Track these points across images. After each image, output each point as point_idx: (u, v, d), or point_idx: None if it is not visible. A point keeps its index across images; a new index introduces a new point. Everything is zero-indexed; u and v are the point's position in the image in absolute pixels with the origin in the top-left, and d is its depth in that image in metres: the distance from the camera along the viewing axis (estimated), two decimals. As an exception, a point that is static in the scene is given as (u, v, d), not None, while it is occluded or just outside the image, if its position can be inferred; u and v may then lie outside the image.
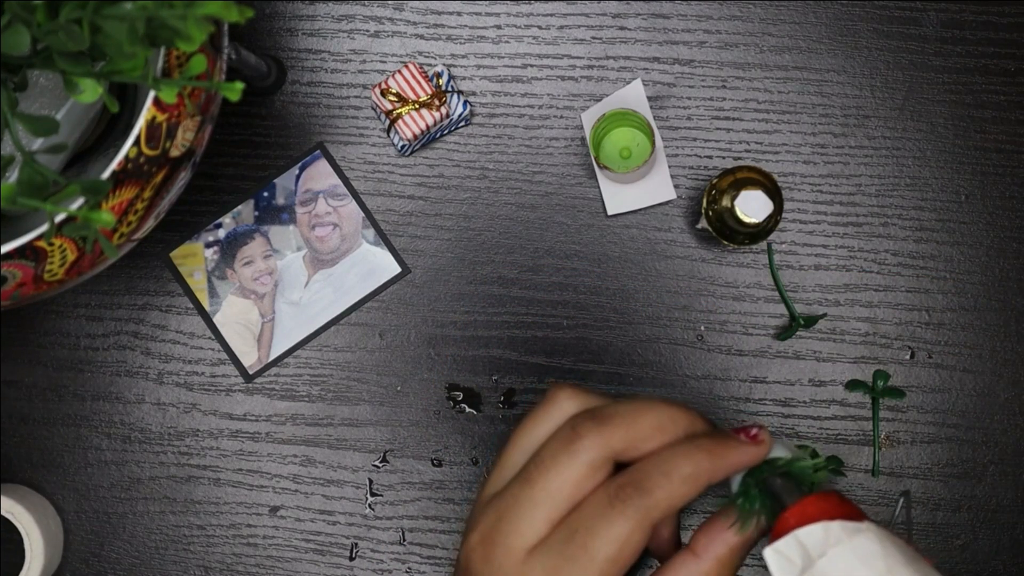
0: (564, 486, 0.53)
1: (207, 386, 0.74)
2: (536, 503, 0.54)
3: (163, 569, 0.74)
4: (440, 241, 0.74)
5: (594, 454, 0.53)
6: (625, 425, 0.53)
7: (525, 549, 0.53)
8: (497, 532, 0.54)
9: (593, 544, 0.53)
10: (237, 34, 0.74)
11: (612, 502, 0.53)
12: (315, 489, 0.74)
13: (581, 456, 0.53)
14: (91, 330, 0.74)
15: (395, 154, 0.74)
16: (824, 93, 0.73)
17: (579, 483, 0.53)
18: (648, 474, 0.53)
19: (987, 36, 0.73)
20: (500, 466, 0.57)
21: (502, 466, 0.57)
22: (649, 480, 0.53)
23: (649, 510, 0.52)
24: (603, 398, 0.56)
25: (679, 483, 0.53)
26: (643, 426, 0.53)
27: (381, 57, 0.74)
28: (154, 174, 0.56)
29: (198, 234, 0.74)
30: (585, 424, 0.53)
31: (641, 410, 0.54)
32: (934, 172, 0.73)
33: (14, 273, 0.55)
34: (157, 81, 0.51)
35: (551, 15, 0.74)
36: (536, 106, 0.74)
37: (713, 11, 0.74)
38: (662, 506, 0.52)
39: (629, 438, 0.53)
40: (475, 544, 0.55)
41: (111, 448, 0.74)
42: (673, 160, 0.73)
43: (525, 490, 0.54)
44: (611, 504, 0.53)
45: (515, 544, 0.54)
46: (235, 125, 0.74)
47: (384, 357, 0.74)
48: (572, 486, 0.53)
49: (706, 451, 0.53)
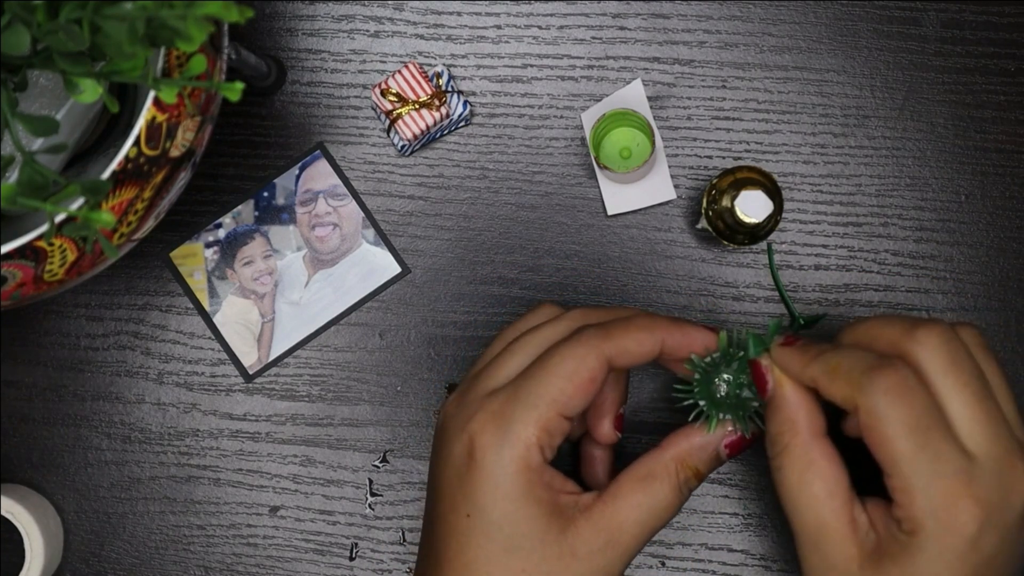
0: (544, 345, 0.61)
1: (207, 386, 0.74)
2: (513, 353, 0.61)
3: (163, 569, 0.74)
4: (440, 241, 0.74)
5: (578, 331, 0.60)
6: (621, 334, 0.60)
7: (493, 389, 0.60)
8: (471, 386, 0.61)
9: (551, 360, 0.59)
10: (237, 34, 0.74)
11: (574, 336, 0.59)
12: (315, 489, 0.74)
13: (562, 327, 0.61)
14: (91, 330, 0.74)
15: (395, 154, 0.74)
16: (824, 93, 0.73)
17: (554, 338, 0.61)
18: (610, 323, 0.60)
19: (987, 36, 0.73)
20: (482, 357, 0.64)
21: (483, 357, 0.64)
22: (611, 326, 0.59)
23: (605, 343, 0.58)
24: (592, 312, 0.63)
25: (635, 330, 0.59)
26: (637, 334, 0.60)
27: (381, 57, 0.74)
28: (154, 174, 0.56)
29: (198, 234, 0.74)
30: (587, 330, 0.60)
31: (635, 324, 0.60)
32: (934, 172, 0.73)
33: (14, 273, 0.55)
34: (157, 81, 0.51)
35: (551, 15, 0.74)
36: (536, 106, 0.74)
37: (713, 11, 0.74)
38: (618, 345, 0.58)
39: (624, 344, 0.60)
40: (452, 400, 0.61)
41: (111, 448, 0.74)
42: (673, 160, 0.73)
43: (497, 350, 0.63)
44: (572, 338, 0.59)
45: (488, 385, 0.60)
46: (235, 125, 0.74)
47: (384, 357, 0.74)
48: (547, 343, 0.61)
49: (667, 318, 0.60)
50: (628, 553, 0.58)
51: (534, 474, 0.58)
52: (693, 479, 0.60)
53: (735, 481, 0.73)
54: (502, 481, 0.58)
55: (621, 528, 0.58)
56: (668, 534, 0.72)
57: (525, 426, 0.58)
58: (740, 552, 0.72)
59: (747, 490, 0.73)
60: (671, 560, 0.72)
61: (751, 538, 0.72)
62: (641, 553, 0.72)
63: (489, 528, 0.58)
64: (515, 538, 0.58)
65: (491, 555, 0.58)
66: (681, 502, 0.59)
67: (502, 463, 0.58)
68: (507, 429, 0.58)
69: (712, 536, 0.72)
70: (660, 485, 0.59)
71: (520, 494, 0.58)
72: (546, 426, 0.58)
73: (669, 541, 0.73)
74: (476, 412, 0.59)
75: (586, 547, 0.58)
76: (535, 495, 0.58)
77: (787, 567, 0.72)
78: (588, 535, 0.58)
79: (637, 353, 0.59)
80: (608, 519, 0.58)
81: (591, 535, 0.58)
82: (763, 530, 0.72)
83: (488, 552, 0.58)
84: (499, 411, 0.59)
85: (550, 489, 0.58)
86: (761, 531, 0.72)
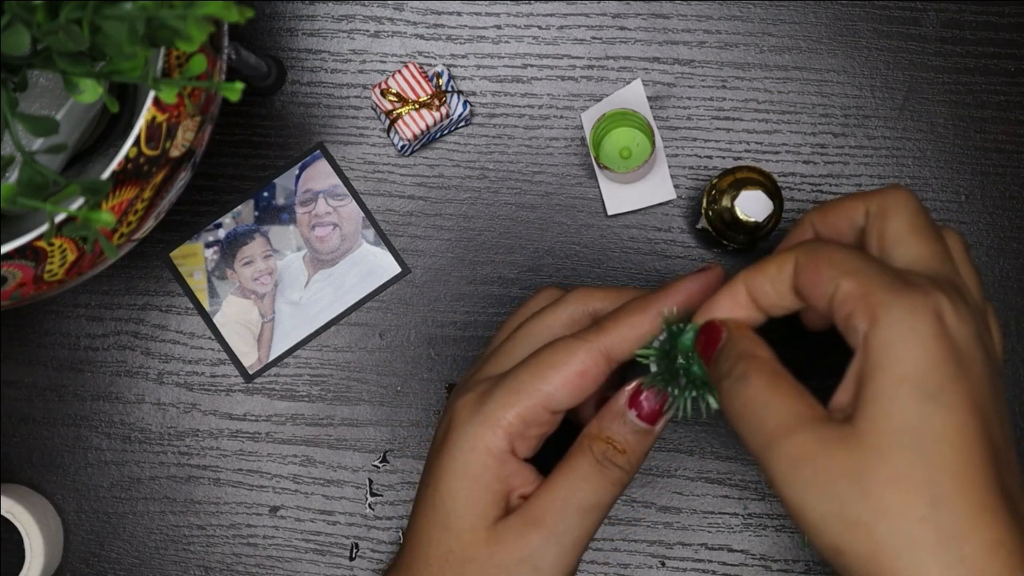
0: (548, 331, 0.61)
1: (207, 386, 0.74)
2: (514, 342, 0.61)
3: (163, 569, 0.74)
4: (440, 241, 0.74)
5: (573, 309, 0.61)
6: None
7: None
8: (472, 373, 0.61)
9: (543, 351, 0.58)
10: (237, 34, 0.74)
11: (574, 332, 0.59)
12: (315, 489, 0.74)
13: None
14: (91, 330, 0.74)
15: (395, 154, 0.74)
16: (824, 93, 0.73)
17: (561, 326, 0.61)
18: (603, 317, 0.59)
19: (987, 36, 0.73)
20: (487, 346, 0.64)
21: (488, 345, 0.64)
22: (603, 319, 0.58)
23: (599, 337, 0.57)
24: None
25: (626, 315, 0.58)
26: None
27: (381, 57, 0.74)
28: (154, 174, 0.56)
29: (198, 234, 0.74)
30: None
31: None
32: (934, 172, 0.73)
33: (14, 273, 0.55)
34: (157, 81, 0.51)
35: (551, 15, 0.74)
36: (536, 106, 0.74)
37: (713, 11, 0.74)
38: (612, 336, 0.57)
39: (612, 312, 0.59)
40: (456, 388, 0.62)
41: (111, 448, 0.74)
42: (673, 160, 0.73)
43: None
44: (572, 334, 0.59)
45: (485, 372, 0.60)
46: (235, 125, 0.74)
47: (384, 357, 0.74)
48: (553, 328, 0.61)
49: (660, 290, 0.58)
50: (556, 538, 0.56)
51: (492, 460, 0.57)
52: (612, 451, 0.57)
53: (735, 481, 0.73)
54: (458, 457, 0.57)
55: (543, 508, 0.56)
56: (668, 534, 0.73)
57: (499, 408, 0.57)
58: (740, 552, 0.72)
59: (747, 490, 0.73)
60: (671, 560, 0.72)
61: (751, 538, 0.72)
62: (641, 553, 0.72)
63: (435, 502, 0.58)
64: (451, 517, 0.57)
65: (431, 530, 0.58)
66: (610, 480, 0.57)
67: (464, 439, 0.57)
68: (481, 409, 0.57)
69: (712, 536, 0.72)
70: (575, 462, 0.57)
71: (470, 476, 0.57)
72: (524, 414, 0.57)
73: (669, 541, 0.73)
74: (465, 393, 0.59)
75: (510, 532, 0.56)
76: (484, 481, 0.57)
77: (787, 567, 0.72)
78: (512, 522, 0.57)
79: (636, 337, 0.57)
80: (530, 505, 0.57)
81: (515, 521, 0.57)
82: (763, 530, 0.72)
83: (429, 526, 0.58)
84: (483, 392, 0.58)
85: (505, 483, 0.57)
86: (761, 531, 0.72)
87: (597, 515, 0.57)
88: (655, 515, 0.73)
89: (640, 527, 0.73)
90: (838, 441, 0.48)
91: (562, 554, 0.56)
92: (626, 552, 0.73)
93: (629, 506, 0.73)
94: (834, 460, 0.48)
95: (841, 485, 0.47)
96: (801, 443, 0.49)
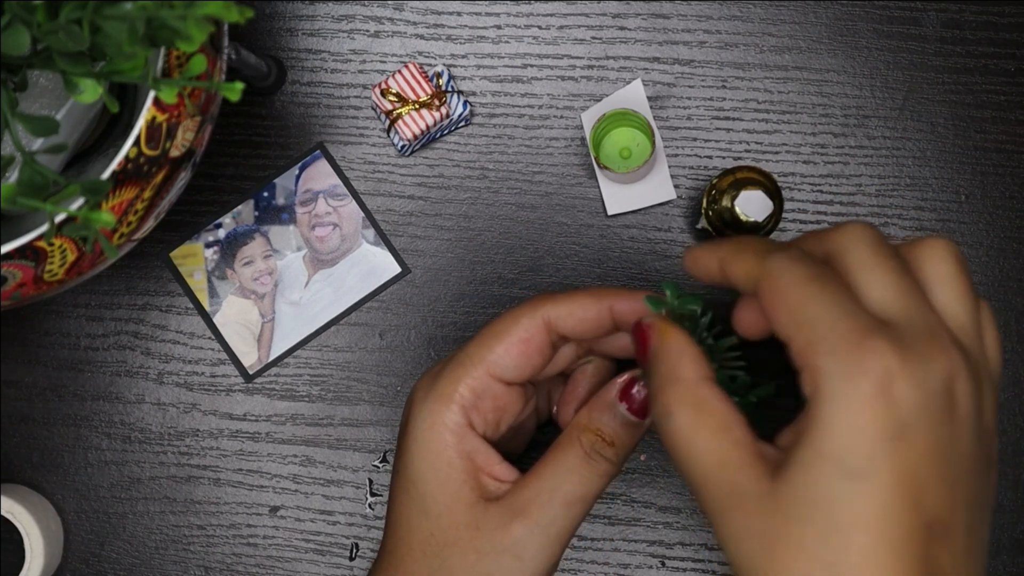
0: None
1: (207, 386, 0.74)
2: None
3: (163, 569, 0.74)
4: (440, 241, 0.74)
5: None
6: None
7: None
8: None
9: (488, 322, 0.58)
10: (237, 34, 0.74)
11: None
12: (315, 489, 0.74)
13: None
14: (91, 330, 0.74)
15: (395, 154, 0.74)
16: (824, 93, 0.73)
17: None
18: (562, 291, 0.59)
19: (987, 36, 0.73)
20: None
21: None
22: (559, 292, 0.59)
23: (545, 304, 0.58)
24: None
25: (581, 296, 0.58)
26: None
27: (381, 57, 0.74)
28: (154, 174, 0.56)
29: (198, 234, 0.74)
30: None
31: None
32: (934, 172, 0.73)
33: (14, 273, 0.55)
34: (157, 81, 0.51)
35: (551, 15, 0.74)
36: (536, 106, 0.74)
37: (713, 11, 0.74)
38: (559, 307, 0.58)
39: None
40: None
41: (111, 448, 0.74)
42: (673, 160, 0.73)
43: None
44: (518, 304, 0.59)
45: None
46: (235, 125, 0.74)
47: (384, 357, 0.74)
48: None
49: (620, 289, 0.59)
50: (540, 528, 0.56)
51: (450, 435, 0.57)
52: (601, 443, 0.57)
53: (735, 481, 0.73)
54: (419, 437, 0.57)
55: (527, 499, 0.56)
56: (668, 534, 0.73)
57: (450, 383, 0.57)
58: (740, 552, 0.72)
59: (747, 490, 0.73)
60: (671, 560, 0.72)
61: (751, 538, 0.72)
62: (641, 553, 0.72)
63: (406, 486, 0.58)
64: (427, 500, 0.57)
65: (409, 516, 0.58)
66: (597, 472, 0.57)
67: (421, 417, 0.57)
68: (434, 387, 0.58)
69: (712, 536, 0.72)
70: (563, 452, 0.57)
71: (432, 453, 0.57)
72: (473, 386, 0.57)
73: (669, 541, 0.73)
74: (423, 377, 0.59)
75: (494, 520, 0.56)
76: (446, 457, 0.56)
77: (787, 567, 0.72)
78: (497, 510, 0.56)
79: (581, 317, 0.57)
80: (515, 494, 0.57)
81: (499, 510, 0.56)
82: (763, 530, 0.72)
83: (407, 511, 0.58)
84: (436, 372, 0.59)
85: (468, 460, 0.57)
86: (761, 531, 0.72)
87: (582, 507, 0.57)
88: (655, 515, 0.73)
89: (640, 527, 0.73)
90: (756, 499, 0.47)
91: (546, 545, 0.56)
92: (626, 552, 0.73)
93: (629, 506, 0.73)
94: (749, 518, 0.47)
95: (752, 544, 0.47)
96: (721, 496, 0.48)
